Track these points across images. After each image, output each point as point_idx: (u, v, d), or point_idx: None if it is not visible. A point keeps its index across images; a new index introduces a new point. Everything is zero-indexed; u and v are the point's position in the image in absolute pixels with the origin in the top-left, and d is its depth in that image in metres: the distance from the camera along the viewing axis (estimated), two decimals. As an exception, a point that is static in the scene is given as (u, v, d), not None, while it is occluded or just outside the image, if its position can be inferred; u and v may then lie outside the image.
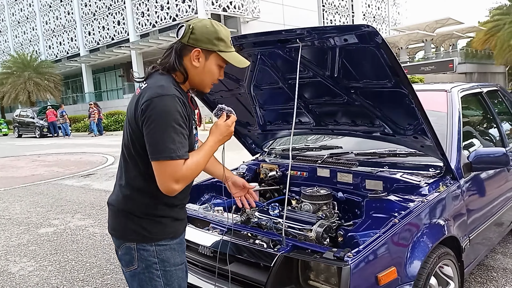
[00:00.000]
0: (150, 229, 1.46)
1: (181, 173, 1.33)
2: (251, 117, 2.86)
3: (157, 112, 1.32)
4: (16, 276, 3.26)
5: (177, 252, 1.52)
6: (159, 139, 1.31)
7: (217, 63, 1.49)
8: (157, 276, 1.47)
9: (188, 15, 24.86)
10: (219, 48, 1.45)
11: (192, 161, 1.37)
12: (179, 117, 1.33)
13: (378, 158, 2.52)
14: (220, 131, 1.48)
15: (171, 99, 1.34)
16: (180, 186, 1.35)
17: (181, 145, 1.33)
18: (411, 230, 1.82)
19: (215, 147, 1.47)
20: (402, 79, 1.84)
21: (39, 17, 35.75)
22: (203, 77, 1.48)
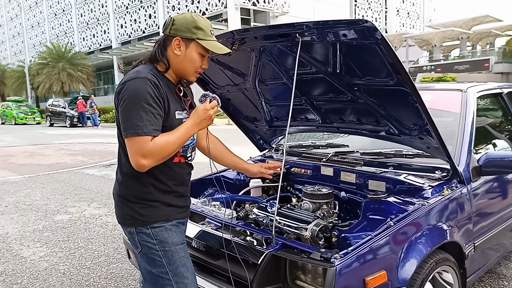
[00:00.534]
0: (143, 212, 1.55)
1: (146, 148, 1.39)
2: (258, 113, 2.83)
3: (128, 93, 1.43)
4: (27, 261, 3.38)
5: (174, 233, 1.58)
6: (129, 117, 1.40)
7: (197, 51, 1.55)
8: (159, 257, 1.55)
9: (217, 9, 25.00)
10: (197, 36, 1.52)
11: (161, 139, 1.43)
12: (148, 97, 1.41)
13: (384, 158, 2.44)
14: (198, 115, 1.52)
15: (142, 81, 1.43)
16: (148, 162, 1.41)
17: (149, 123, 1.40)
18: (406, 233, 1.75)
19: (192, 129, 1.51)
20: (404, 77, 1.77)
21: (75, 10, 36.83)
22: (185, 65, 1.56)
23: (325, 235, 1.93)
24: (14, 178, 7.26)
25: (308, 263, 1.59)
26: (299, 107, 2.58)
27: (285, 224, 2.02)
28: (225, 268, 1.82)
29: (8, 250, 3.67)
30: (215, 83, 2.70)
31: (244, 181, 2.78)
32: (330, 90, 2.22)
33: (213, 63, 2.44)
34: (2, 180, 7.10)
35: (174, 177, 1.60)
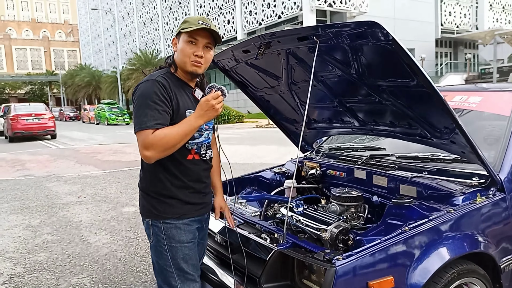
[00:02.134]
0: (158, 207, 1.69)
1: (148, 140, 1.53)
2: (296, 115, 2.87)
3: (139, 94, 1.61)
4: (91, 246, 3.78)
5: (183, 231, 1.70)
6: (137, 115, 1.57)
7: (184, 40, 1.67)
8: (165, 251, 1.70)
9: (293, 12, 25.10)
10: (182, 28, 1.67)
11: (162, 131, 1.54)
12: (154, 96, 1.56)
13: (420, 163, 2.34)
14: (201, 107, 1.58)
15: (151, 82, 1.60)
16: (151, 153, 1.54)
17: (152, 118, 1.54)
18: (422, 240, 1.68)
19: (196, 121, 1.57)
20: (421, 78, 1.70)
21: (161, 19, 39.48)
22: (179, 56, 1.69)
23: (344, 237, 1.92)
24: (96, 172, 8.07)
25: (309, 262, 1.61)
26: (333, 110, 2.57)
27: (307, 224, 2.04)
28: (241, 263, 1.90)
29: (78, 236, 4.13)
30: (253, 85, 2.80)
31: (280, 181, 2.84)
32: (358, 92, 2.20)
33: (248, 67, 2.54)
34: (86, 174, 7.93)
35: (189, 173, 1.71)
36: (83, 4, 61.62)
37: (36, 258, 3.59)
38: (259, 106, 3.04)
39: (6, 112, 17.85)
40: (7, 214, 5.13)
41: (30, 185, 7.04)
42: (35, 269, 3.34)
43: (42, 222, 4.70)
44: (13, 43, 66.76)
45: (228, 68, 2.71)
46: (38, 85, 60.08)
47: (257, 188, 2.93)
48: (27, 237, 4.20)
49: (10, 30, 73.38)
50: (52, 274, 3.24)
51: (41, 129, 16.60)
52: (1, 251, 3.80)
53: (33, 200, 5.85)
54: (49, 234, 4.25)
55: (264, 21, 27.33)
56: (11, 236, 4.23)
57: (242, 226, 2.08)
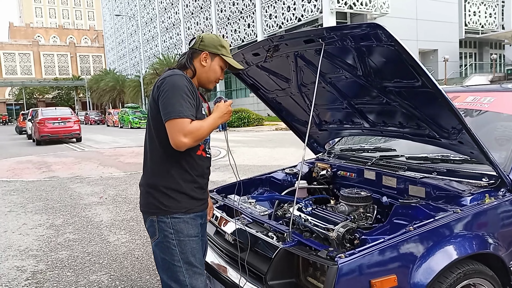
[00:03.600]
0: (166, 203, 1.75)
1: (188, 128, 1.62)
2: (307, 116, 2.90)
3: (169, 85, 1.68)
4: (111, 245, 3.90)
5: (190, 225, 1.77)
6: (170, 104, 1.64)
7: (219, 65, 1.87)
8: (173, 245, 1.74)
9: (313, 15, 25.04)
10: (221, 52, 1.85)
11: (197, 123, 1.67)
12: (186, 90, 1.67)
13: (430, 164, 2.33)
14: (221, 109, 1.79)
15: (180, 77, 1.71)
16: (188, 140, 1.62)
17: (187, 109, 1.64)
18: (426, 240, 1.68)
19: (217, 120, 1.77)
20: (425, 78, 1.72)
21: (183, 24, 40.05)
22: (209, 74, 1.86)
23: (351, 237, 1.94)
24: (118, 174, 8.27)
25: (312, 260, 1.64)
26: (343, 111, 2.60)
27: (315, 224, 2.07)
28: (247, 261, 1.95)
29: (99, 235, 4.27)
30: (265, 88, 2.85)
31: (291, 182, 2.87)
32: (366, 93, 2.22)
33: (259, 69, 2.59)
34: (108, 176, 8.14)
35: (197, 168, 1.80)
36: (107, 11, 63.17)
37: (57, 255, 3.73)
38: (271, 108, 3.08)
39: (34, 116, 18.48)
40: (32, 214, 5.34)
41: (55, 186, 7.29)
42: (57, 266, 3.47)
43: (64, 222, 4.87)
44: (41, 49, 69.02)
45: (240, 71, 2.76)
46: (65, 89, 61.84)
47: (268, 189, 2.98)
48: (50, 235, 4.36)
49: (39, 36, 75.95)
50: (72, 271, 3.36)
51: (66, 133, 17.10)
52: (26, 249, 3.97)
53: (57, 201, 6.05)
54: (71, 233, 4.40)
55: (284, 24, 27.37)
56: (35, 235, 4.41)
57: (251, 225, 2.12)
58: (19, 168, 10.02)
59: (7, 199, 6.35)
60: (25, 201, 6.14)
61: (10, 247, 4.06)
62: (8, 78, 62.51)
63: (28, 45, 68.05)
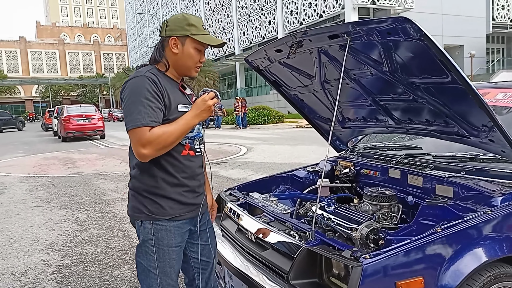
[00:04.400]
0: (150, 208, 1.63)
1: (145, 138, 1.49)
2: (330, 114, 2.86)
3: (128, 90, 1.56)
4: (133, 241, 3.95)
5: (173, 235, 1.65)
6: (129, 112, 1.52)
7: (193, 46, 1.64)
8: (151, 252, 1.64)
9: (335, 11, 24.75)
10: (191, 32, 1.62)
11: (159, 129, 1.52)
12: (146, 93, 1.52)
13: (458, 162, 2.26)
14: (197, 106, 1.61)
15: (140, 79, 1.55)
16: (148, 151, 1.50)
17: (146, 115, 1.50)
18: (454, 241, 1.62)
19: (192, 120, 1.59)
20: (455, 73, 1.66)
21: (204, 21, 40.20)
22: (184, 61, 1.66)
23: (375, 237, 1.90)
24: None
25: (336, 260, 1.61)
26: (367, 108, 2.54)
27: (338, 223, 2.04)
28: (269, 259, 1.93)
29: (122, 230, 4.33)
30: (287, 84, 2.82)
31: (313, 180, 2.84)
32: (392, 89, 2.16)
33: (281, 66, 2.57)
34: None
35: (184, 170, 1.66)
36: (130, 9, 64.12)
37: (82, 250, 3.81)
38: (293, 105, 3.05)
39: (59, 114, 18.94)
40: (57, 209, 5.47)
41: (80, 182, 7.45)
42: (81, 261, 3.54)
43: (89, 217, 4.97)
44: (66, 47, 70.74)
45: (262, 68, 2.75)
46: (89, 87, 63.18)
47: (290, 187, 2.95)
48: (75, 230, 4.45)
49: (64, 35, 77.84)
50: (96, 266, 3.42)
51: (91, 129, 17.47)
52: (51, 243, 4.06)
53: (82, 196, 6.18)
54: (95, 229, 4.48)
55: (305, 20, 27.15)
56: (61, 230, 4.51)
57: (273, 224, 2.10)
58: (45, 164, 10.30)
59: (34, 194, 6.52)
60: (51, 197, 6.29)
61: (37, 241, 4.17)
62: (35, 76, 64.39)
63: (54, 43, 69.86)
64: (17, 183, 7.70)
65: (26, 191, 6.82)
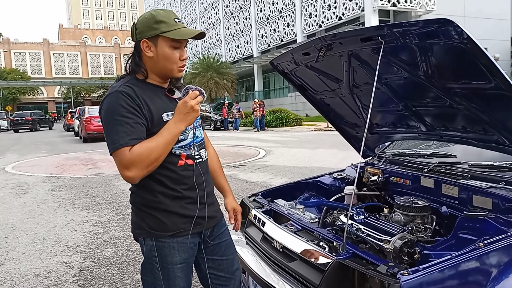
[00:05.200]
0: (151, 224, 1.52)
1: (126, 159, 1.37)
2: (357, 119, 2.77)
3: (104, 110, 1.45)
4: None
5: (177, 251, 1.54)
6: (108, 135, 1.42)
7: (168, 45, 1.48)
8: (157, 269, 1.54)
9: (354, 13, 24.52)
10: (161, 30, 1.45)
11: (140, 146, 1.38)
12: (121, 109, 1.40)
13: (497, 172, 2.14)
14: (179, 110, 1.43)
15: (114, 95, 1.44)
16: (133, 173, 1.37)
17: (125, 134, 1.38)
18: (498, 258, 1.52)
19: (176, 127, 1.43)
20: (501, 79, 1.55)
21: (223, 24, 40.46)
22: (162, 63, 1.50)
23: (409, 250, 1.81)
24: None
25: (371, 275, 1.52)
26: (398, 113, 2.45)
27: (368, 234, 1.95)
28: (297, 271, 1.86)
29: (142, 233, 4.31)
30: (313, 88, 2.74)
31: (339, 187, 2.75)
32: (426, 95, 2.06)
33: (308, 69, 2.50)
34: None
35: (183, 181, 1.53)
36: (150, 12, 64.86)
37: (103, 253, 3.80)
38: (318, 110, 2.98)
39: (81, 114, 19.25)
40: (79, 210, 5.51)
41: (101, 183, 7.51)
42: (103, 264, 3.53)
43: (110, 219, 4.98)
44: (88, 49, 72.14)
45: (288, 71, 2.68)
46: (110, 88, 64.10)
47: (315, 194, 2.87)
48: (97, 232, 4.46)
49: (86, 37, 79.41)
50: (118, 269, 3.40)
51: (111, 131, 17.64)
52: (73, 245, 4.08)
53: (103, 198, 6.22)
54: (116, 231, 4.48)
55: (324, 23, 26.98)
56: (83, 231, 4.53)
57: (300, 233, 2.03)
58: (67, 164, 10.45)
59: (56, 195, 6.61)
60: (73, 197, 6.36)
61: (59, 242, 4.19)
62: (57, 77, 65.83)
63: (76, 46, 71.34)
64: (40, 183, 7.82)
65: (48, 191, 6.92)
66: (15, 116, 32.49)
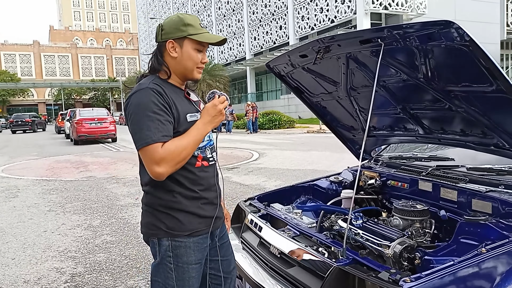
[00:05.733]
0: (167, 223, 1.53)
1: (158, 155, 1.39)
2: (354, 121, 2.75)
3: (133, 106, 1.46)
4: (147, 248, 3.81)
5: (192, 251, 1.56)
6: (137, 130, 1.43)
7: (193, 47, 1.55)
8: (170, 269, 1.54)
9: (346, 16, 24.63)
10: (188, 32, 1.52)
11: (171, 143, 1.42)
12: (153, 106, 1.43)
13: (495, 176, 2.12)
14: (208, 112, 1.51)
15: (144, 92, 1.45)
16: (163, 169, 1.40)
17: (156, 130, 1.41)
18: (501, 264, 1.50)
19: (204, 128, 1.50)
20: (502, 82, 1.53)
21: (215, 26, 40.39)
22: (185, 63, 1.55)
23: (410, 255, 1.78)
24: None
25: (373, 282, 1.49)
26: (395, 116, 2.42)
27: (367, 239, 1.92)
28: (296, 277, 1.82)
29: (136, 238, 4.25)
30: (309, 91, 2.71)
31: (336, 191, 2.72)
32: (425, 97, 2.04)
33: (305, 72, 2.47)
34: (143, 177, 8.21)
35: (200, 182, 1.58)
36: (142, 14, 64.66)
37: (95, 258, 3.73)
38: (314, 112, 2.95)
39: (72, 117, 19.06)
40: (70, 214, 5.42)
41: (92, 186, 7.41)
42: (95, 269, 3.46)
43: (102, 223, 4.90)
44: (79, 51, 71.61)
45: (284, 74, 2.65)
46: (101, 91, 63.78)
47: (312, 197, 2.84)
48: (88, 237, 4.38)
49: (77, 39, 78.88)
50: (110, 275, 3.34)
51: (103, 133, 17.54)
52: (64, 250, 4.00)
53: (94, 201, 6.13)
54: (108, 235, 4.41)
55: (316, 25, 27.05)
56: (74, 236, 4.45)
57: (298, 238, 1.99)
58: (58, 167, 10.31)
59: (47, 198, 6.50)
60: (64, 201, 6.26)
61: (50, 247, 4.11)
62: (48, 79, 65.25)
63: (67, 47, 70.77)
64: (30, 186, 7.70)
65: (39, 195, 6.80)
66: (15, 118, 34.00)
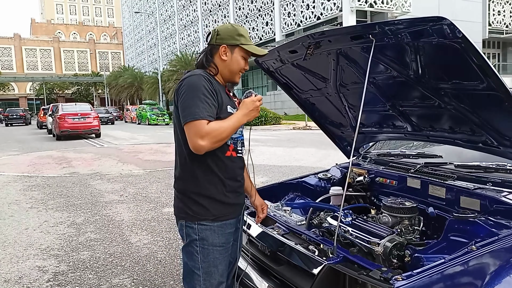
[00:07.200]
0: (194, 209, 1.69)
1: (204, 130, 1.54)
2: (343, 118, 2.74)
3: (187, 87, 1.62)
4: (133, 246, 3.80)
5: (217, 234, 1.69)
6: (187, 106, 1.58)
7: (241, 55, 1.76)
8: (196, 252, 1.69)
9: (332, 13, 24.70)
10: (240, 42, 1.74)
11: (215, 123, 1.58)
12: (203, 89, 1.59)
13: (483, 173, 2.14)
14: (247, 106, 1.68)
15: (197, 77, 1.63)
16: (205, 143, 1.54)
17: (204, 110, 1.56)
18: (491, 261, 1.50)
19: (242, 119, 1.67)
20: (494, 80, 1.53)
21: (201, 21, 40.07)
22: (232, 67, 1.75)
23: (399, 253, 1.78)
24: (137, 171, 8.22)
25: (364, 281, 1.48)
26: (384, 113, 2.42)
27: (356, 236, 1.91)
28: (286, 275, 1.80)
29: (120, 235, 4.18)
30: (298, 87, 2.69)
31: (325, 188, 2.71)
32: (415, 95, 2.04)
33: (294, 68, 2.44)
34: (128, 173, 8.10)
35: (227, 170, 1.72)
36: (127, 8, 63.72)
37: (79, 256, 3.65)
38: (303, 109, 2.93)
39: (54, 112, 18.68)
40: (53, 211, 5.30)
41: (75, 182, 7.27)
42: (78, 268, 3.39)
43: (85, 220, 4.81)
44: (61, 45, 70.15)
45: (273, 69, 2.62)
46: (84, 85, 62.65)
47: (300, 194, 2.82)
48: (71, 234, 4.29)
49: (59, 33, 77.25)
50: (94, 273, 3.27)
51: (86, 128, 17.25)
52: (47, 248, 3.90)
53: (78, 198, 6.01)
54: (92, 233, 4.32)
55: (302, 22, 27.07)
56: (56, 233, 4.35)
57: (288, 236, 1.97)
58: (40, 163, 10.09)
59: (29, 195, 6.35)
60: (46, 197, 6.12)
61: (32, 245, 4.00)
62: (29, 73, 63.78)
63: (49, 41, 69.26)
64: (11, 182, 7.51)
65: (20, 191, 6.64)
66: (10, 112, 35.94)
